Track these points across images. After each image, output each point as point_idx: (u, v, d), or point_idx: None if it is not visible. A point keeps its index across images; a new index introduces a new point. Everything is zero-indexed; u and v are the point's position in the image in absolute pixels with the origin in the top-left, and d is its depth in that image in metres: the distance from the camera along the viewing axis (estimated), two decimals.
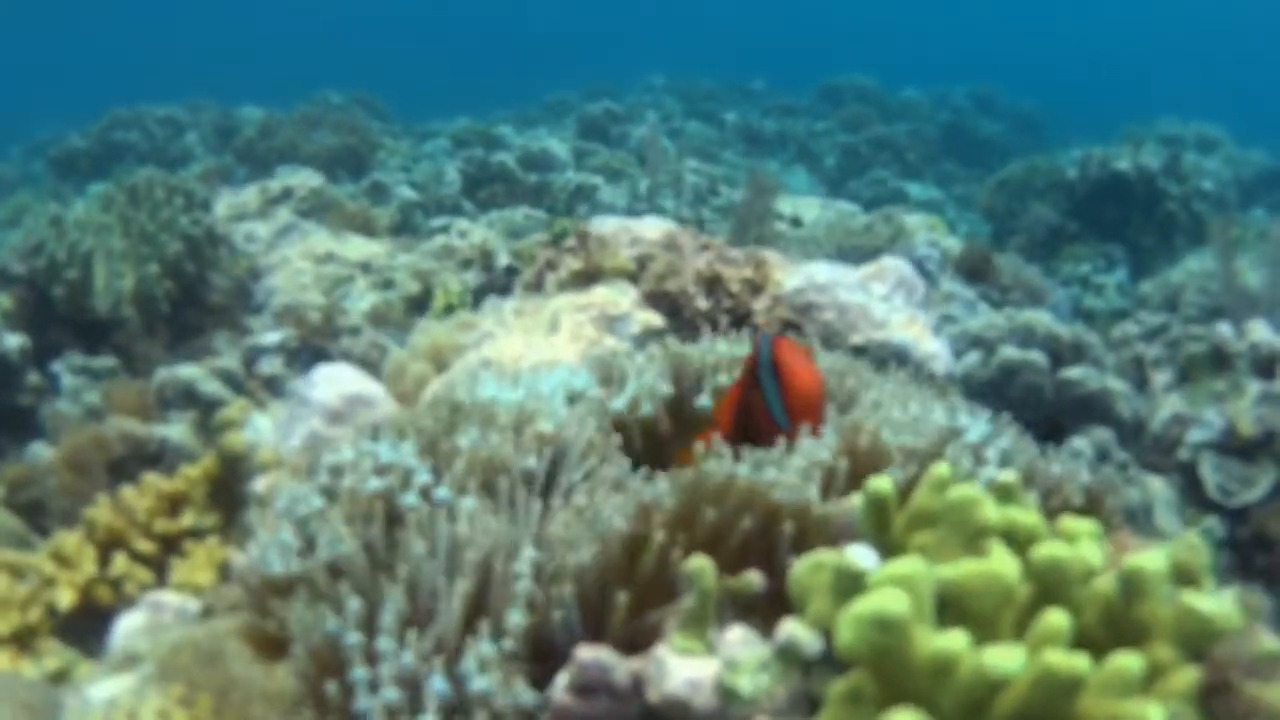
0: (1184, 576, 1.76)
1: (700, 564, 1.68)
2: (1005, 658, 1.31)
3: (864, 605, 1.33)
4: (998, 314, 5.47)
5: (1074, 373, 4.81)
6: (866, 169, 12.16)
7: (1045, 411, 4.76)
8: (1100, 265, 8.64)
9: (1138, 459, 4.85)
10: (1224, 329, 5.07)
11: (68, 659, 2.90)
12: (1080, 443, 4.65)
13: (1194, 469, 4.68)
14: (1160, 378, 5.22)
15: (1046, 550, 1.54)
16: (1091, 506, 2.14)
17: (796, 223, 7.80)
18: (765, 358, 2.10)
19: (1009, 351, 4.76)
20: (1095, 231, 9.04)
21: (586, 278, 3.57)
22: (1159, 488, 4.72)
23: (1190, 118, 11.86)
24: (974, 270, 6.91)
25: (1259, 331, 4.97)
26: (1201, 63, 28.43)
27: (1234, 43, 31.11)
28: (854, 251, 6.79)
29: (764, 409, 2.10)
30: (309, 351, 4.82)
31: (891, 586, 1.36)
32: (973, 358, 4.81)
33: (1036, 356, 4.77)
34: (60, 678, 2.76)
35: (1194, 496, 4.69)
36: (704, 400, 2.40)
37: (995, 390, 4.67)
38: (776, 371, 2.07)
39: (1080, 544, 1.59)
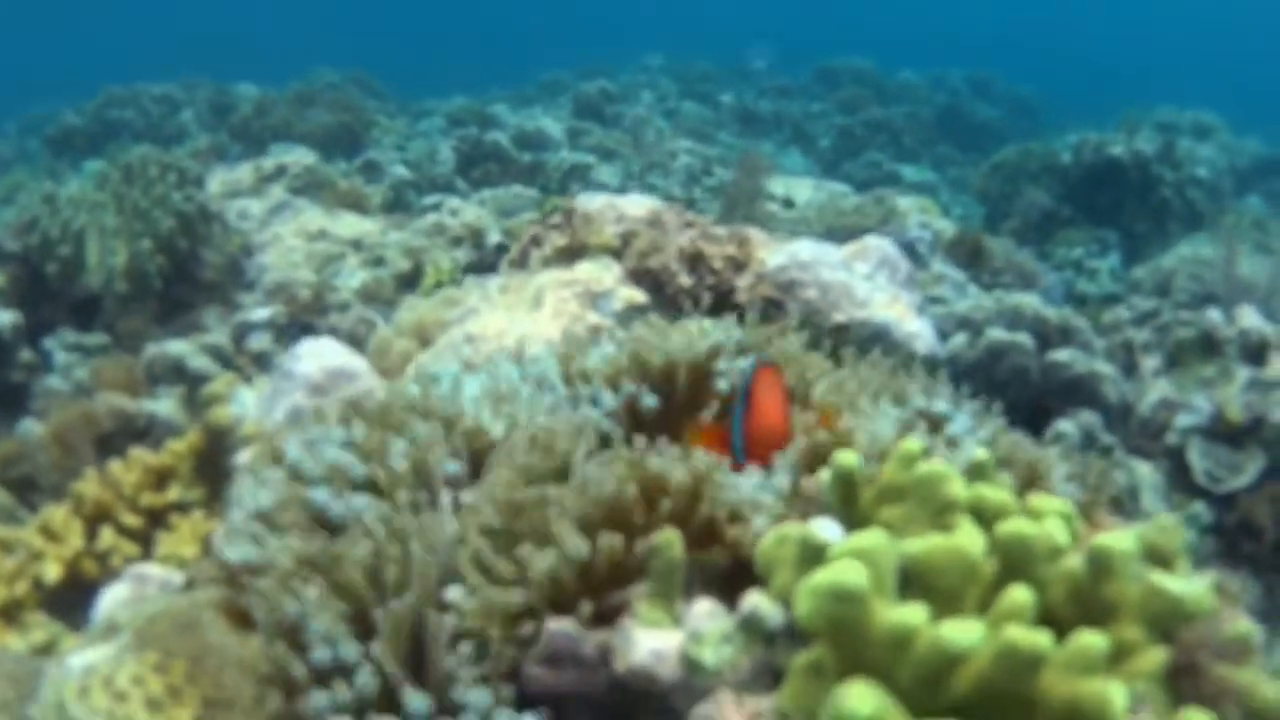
0: (1157, 558, 1.77)
1: (667, 536, 1.70)
2: (963, 631, 1.32)
3: (822, 577, 1.34)
4: (986, 296, 5.48)
5: (1061, 355, 4.82)
6: (862, 151, 12.14)
7: (1032, 393, 4.77)
8: (1093, 250, 8.64)
9: (1125, 443, 4.85)
10: (1214, 315, 5.08)
11: (54, 631, 2.92)
12: (1067, 425, 4.66)
13: (1182, 454, 4.69)
14: (1149, 362, 5.22)
15: (1012, 526, 1.55)
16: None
17: (789, 204, 7.80)
18: (742, 385, 2.04)
19: (996, 333, 4.76)
20: (1089, 216, 9.04)
21: (571, 254, 3.57)
22: (1146, 473, 4.73)
23: (1186, 105, 11.84)
24: (965, 254, 6.92)
25: (1249, 318, 4.98)
26: (1198, 51, 28.36)
27: (1231, 31, 31.05)
28: (844, 232, 6.80)
29: (724, 435, 2.04)
30: (298, 327, 4.83)
31: (851, 559, 1.37)
32: (959, 339, 4.81)
33: (1023, 338, 4.78)
34: (46, 650, 2.78)
35: (1181, 482, 4.69)
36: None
37: (982, 371, 4.68)
38: (747, 401, 1.99)
39: (1047, 521, 1.60)
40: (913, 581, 1.50)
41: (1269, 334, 4.89)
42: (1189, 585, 1.61)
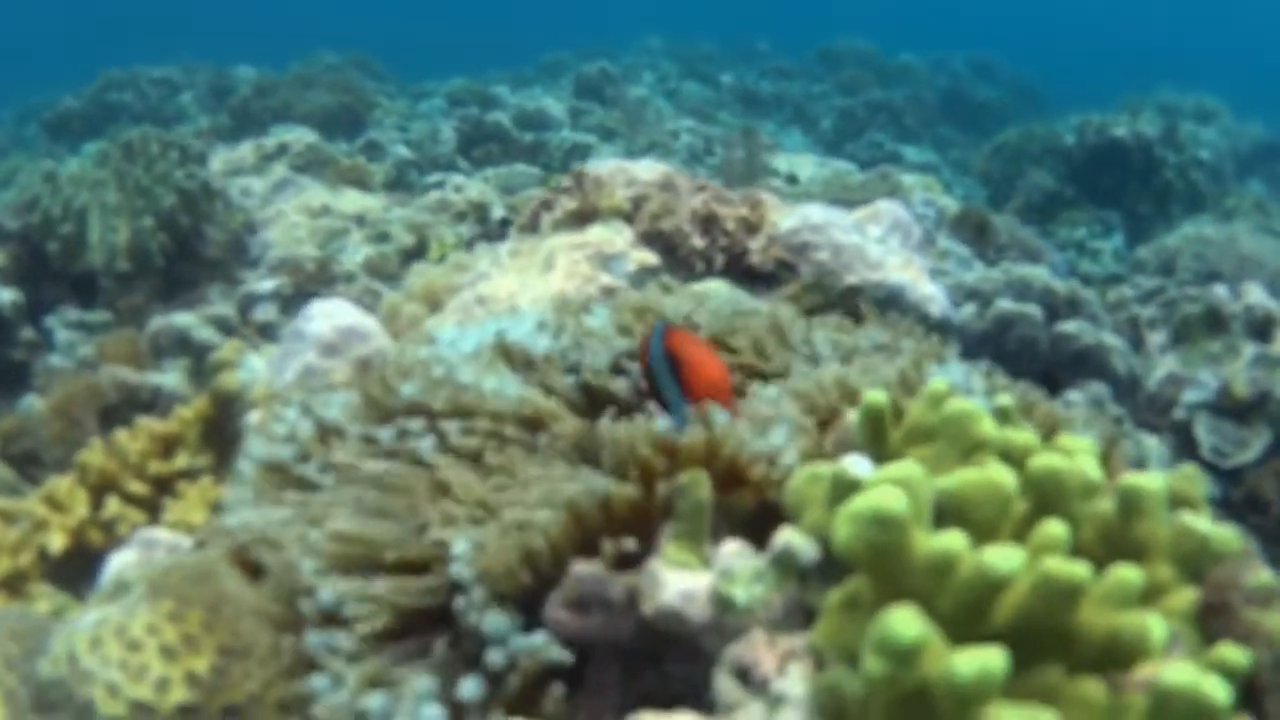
0: (1181, 502, 1.75)
1: (693, 475, 1.67)
2: (1005, 557, 1.29)
3: (861, 502, 1.31)
4: (994, 269, 5.45)
5: (1070, 326, 4.80)
6: (863, 132, 12.11)
7: (1040, 365, 4.75)
8: (1097, 231, 8.63)
9: (1133, 418, 4.84)
10: (1220, 291, 5.06)
11: (59, 602, 2.89)
12: (1075, 397, 4.64)
13: (1189, 429, 4.68)
14: (1155, 338, 5.21)
15: (1044, 461, 1.52)
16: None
17: (792, 179, 7.78)
18: (657, 352, 1.96)
19: (1004, 304, 4.74)
20: (1091, 198, 9.02)
21: (582, 218, 3.54)
22: (1153, 447, 4.71)
23: (1188, 88, 11.82)
24: (970, 229, 6.89)
25: (1254, 294, 4.96)
26: (1200, 34, 28.33)
27: (1232, 15, 30.98)
28: (849, 207, 6.77)
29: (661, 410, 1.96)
30: (303, 298, 4.80)
31: (889, 485, 1.34)
32: (968, 310, 4.79)
33: (1032, 309, 4.75)
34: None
35: (1188, 457, 4.68)
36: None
37: (991, 342, 4.66)
38: (675, 365, 1.92)
39: (1078, 458, 1.57)
40: (947, 516, 1.47)
41: (1274, 310, 4.88)
42: (1217, 528, 1.59)
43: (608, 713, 1.73)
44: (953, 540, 1.30)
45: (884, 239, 3.48)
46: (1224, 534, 1.60)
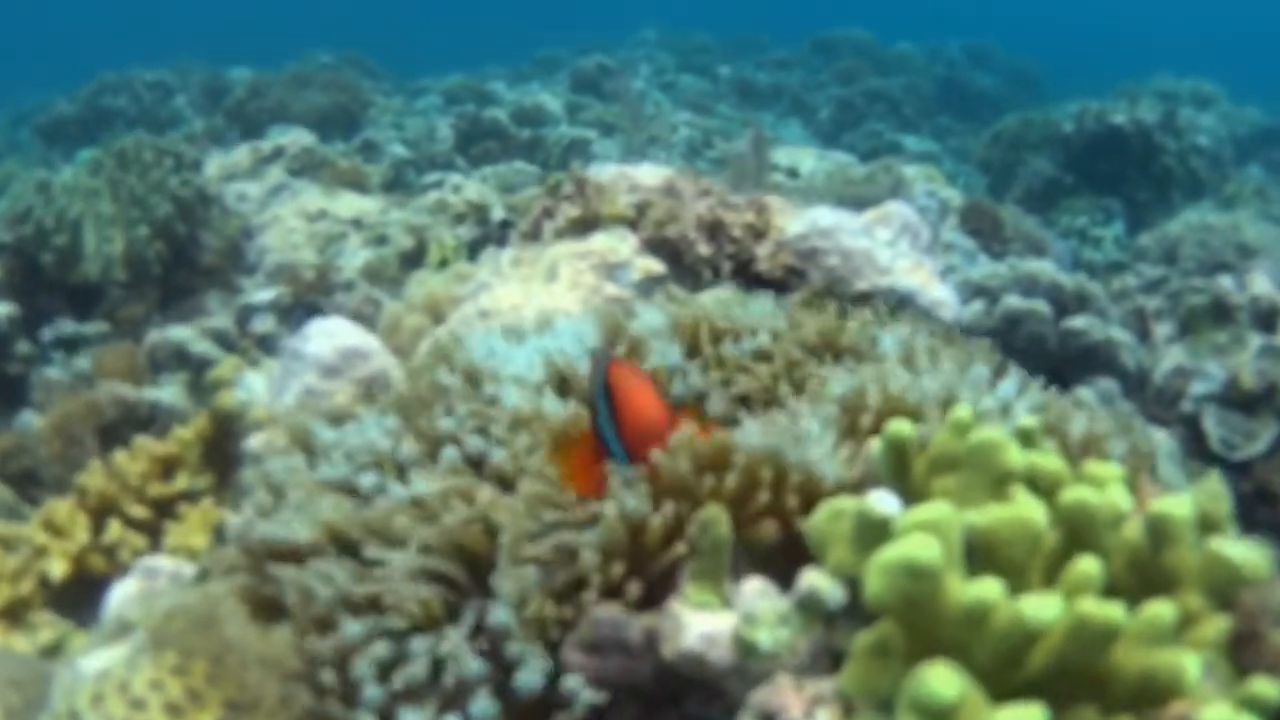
0: (1208, 524, 1.71)
1: (713, 513, 1.62)
2: (1044, 607, 1.25)
3: (893, 552, 1.26)
4: (1000, 264, 5.40)
5: (1078, 322, 4.75)
6: (861, 121, 12.05)
7: (1049, 361, 4.70)
8: (1098, 218, 8.58)
9: (1141, 411, 4.80)
10: (1225, 281, 5.03)
11: (62, 630, 2.83)
12: (1085, 393, 4.59)
13: (1197, 422, 4.64)
14: (1162, 330, 5.17)
15: (1075, 495, 1.48)
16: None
17: (793, 173, 7.72)
18: (599, 382, 1.83)
19: (1013, 301, 4.69)
20: (1091, 185, 8.97)
21: (585, 225, 3.48)
22: (1162, 440, 4.67)
23: (1185, 74, 11.77)
24: (979, 223, 6.85)
25: (1260, 284, 4.92)
26: (1197, 20, 28.24)
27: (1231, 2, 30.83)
28: (854, 201, 6.72)
29: (596, 445, 1.86)
30: (302, 309, 4.75)
31: (920, 532, 1.29)
32: (976, 307, 4.74)
33: (1040, 306, 4.71)
34: (54, 650, 2.70)
35: (1197, 449, 4.65)
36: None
37: (999, 339, 4.60)
38: (610, 398, 1.81)
39: (1108, 488, 1.53)
40: (977, 553, 1.43)
41: None
42: (1246, 551, 1.55)
43: None
44: (989, 590, 1.25)
45: (894, 242, 3.42)
46: (1254, 559, 1.55)
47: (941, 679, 1.17)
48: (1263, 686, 1.34)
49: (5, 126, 11.76)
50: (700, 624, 1.55)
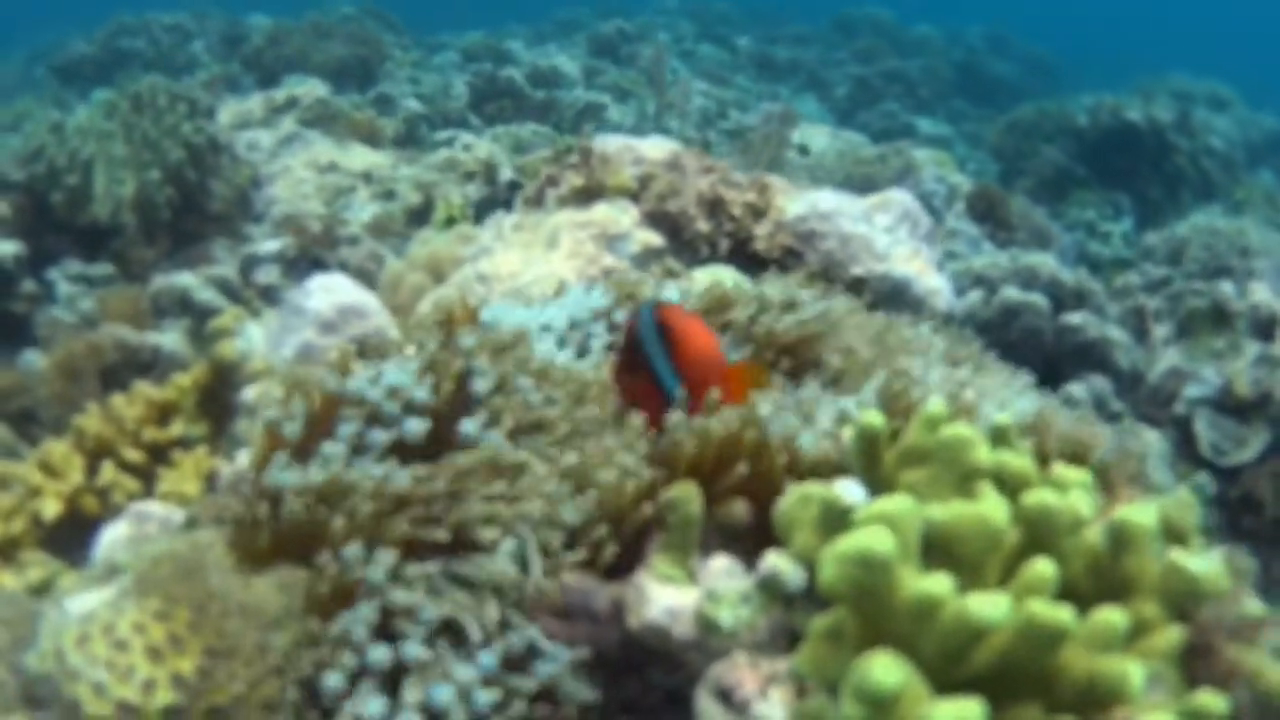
0: (1174, 534, 1.75)
1: (683, 490, 1.66)
2: (990, 605, 1.29)
3: (848, 543, 1.31)
4: (1002, 254, 5.44)
5: (1075, 318, 4.78)
6: (877, 101, 12.04)
7: (1044, 355, 4.74)
8: (1107, 213, 8.59)
9: (1133, 409, 4.83)
10: (1226, 287, 5.05)
11: (52, 569, 2.87)
12: (1077, 389, 4.63)
13: (1189, 424, 4.68)
14: (1160, 330, 5.20)
15: (1037, 497, 1.52)
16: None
17: (804, 150, 7.74)
18: (648, 326, 1.91)
19: (1011, 292, 4.73)
20: (1102, 179, 8.98)
21: (588, 195, 3.52)
22: (1153, 440, 4.71)
23: (1203, 74, 11.74)
24: (986, 209, 6.87)
25: (1260, 293, 4.95)
26: (1218, 20, 28.03)
27: (1248, 5, 30.56)
28: (861, 180, 6.74)
29: (648, 386, 1.92)
30: (307, 261, 4.78)
31: (877, 525, 1.33)
32: (974, 296, 4.77)
33: (1038, 299, 4.74)
34: (44, 588, 2.74)
35: (1187, 452, 4.69)
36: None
37: (995, 331, 4.64)
38: (666, 338, 1.88)
39: (1071, 493, 1.57)
40: (936, 548, 1.47)
41: (1279, 310, 4.86)
42: (1206, 564, 1.59)
43: (590, 716, 1.73)
44: (938, 584, 1.30)
45: (892, 229, 3.46)
46: (1213, 572, 1.59)
47: (884, 668, 1.21)
48: (1208, 699, 1.38)
49: (21, 64, 11.73)
50: (665, 598, 1.60)
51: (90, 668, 1.53)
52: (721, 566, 1.61)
